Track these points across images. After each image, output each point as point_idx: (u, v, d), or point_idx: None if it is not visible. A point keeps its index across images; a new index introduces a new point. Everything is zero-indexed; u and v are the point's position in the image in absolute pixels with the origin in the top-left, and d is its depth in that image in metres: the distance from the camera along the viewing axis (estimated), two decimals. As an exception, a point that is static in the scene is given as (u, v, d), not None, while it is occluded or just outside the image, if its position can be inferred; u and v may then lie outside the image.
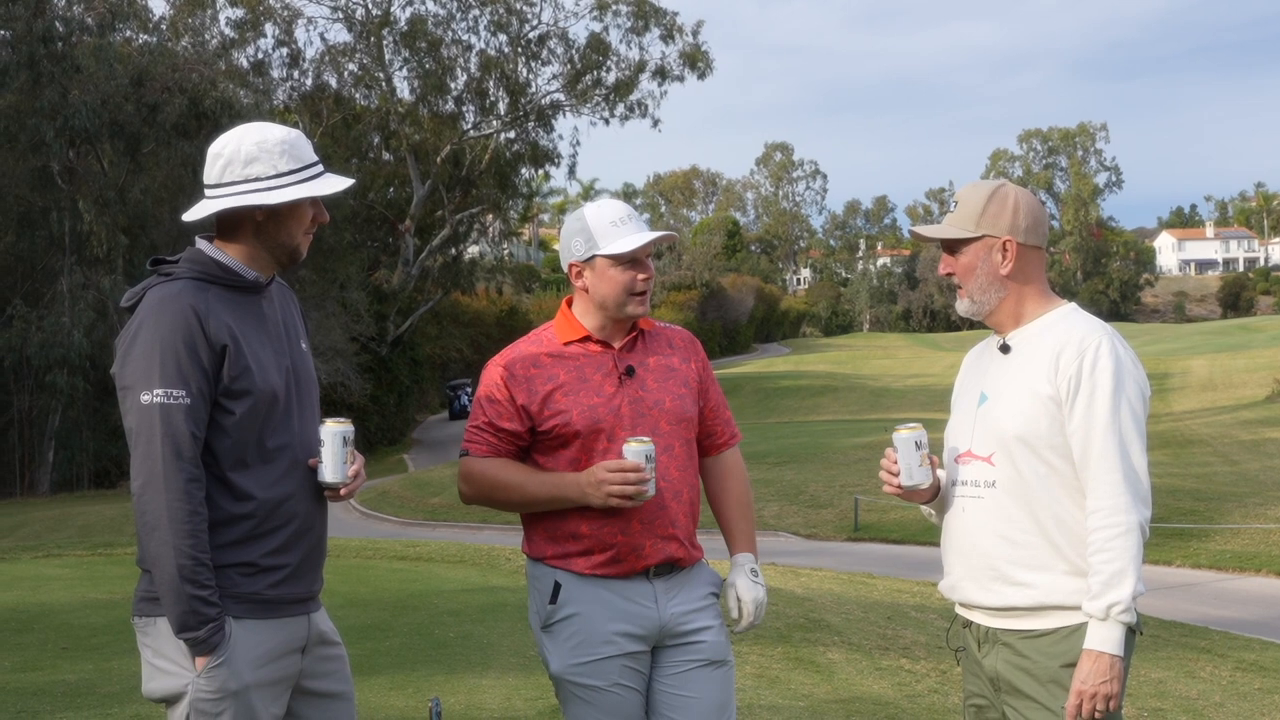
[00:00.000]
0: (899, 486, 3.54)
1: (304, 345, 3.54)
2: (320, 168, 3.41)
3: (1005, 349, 3.54)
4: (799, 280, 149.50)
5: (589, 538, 3.73)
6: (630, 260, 3.77)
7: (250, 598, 3.27)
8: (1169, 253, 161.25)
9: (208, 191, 3.36)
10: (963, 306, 3.57)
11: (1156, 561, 19.23)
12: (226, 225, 3.38)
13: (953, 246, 3.52)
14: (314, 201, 3.42)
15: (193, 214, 3.38)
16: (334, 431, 3.35)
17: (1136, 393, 3.37)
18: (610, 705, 3.71)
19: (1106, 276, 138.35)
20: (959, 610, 3.60)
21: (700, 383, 3.94)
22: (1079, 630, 3.32)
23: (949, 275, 3.56)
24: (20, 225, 38.90)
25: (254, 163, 3.31)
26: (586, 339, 3.84)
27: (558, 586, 3.75)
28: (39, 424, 39.63)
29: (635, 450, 3.62)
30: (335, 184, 3.41)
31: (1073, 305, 3.54)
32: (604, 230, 3.78)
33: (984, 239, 3.48)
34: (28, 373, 37.74)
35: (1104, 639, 3.26)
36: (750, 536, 3.98)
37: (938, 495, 3.61)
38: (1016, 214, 3.48)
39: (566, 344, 3.83)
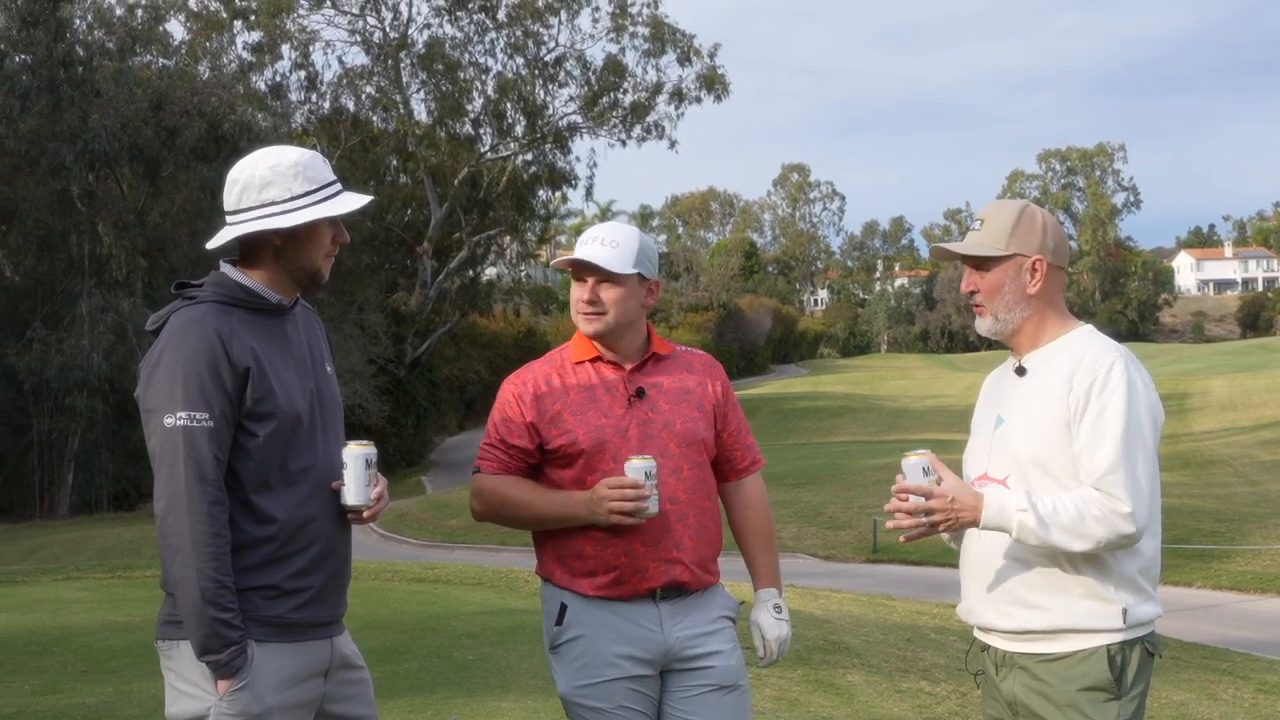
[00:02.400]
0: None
1: (328, 368, 3.55)
2: (338, 187, 3.41)
3: (1021, 371, 3.53)
4: (816, 301, 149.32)
5: (593, 558, 3.73)
6: (576, 277, 3.81)
7: (273, 621, 3.27)
8: (1187, 272, 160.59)
9: (228, 218, 3.37)
10: (984, 325, 3.53)
11: (1177, 583, 19.16)
12: (248, 250, 3.40)
13: (980, 264, 3.50)
14: (333, 223, 3.42)
15: (214, 242, 3.41)
16: (357, 454, 3.36)
17: (1148, 418, 3.34)
18: None
19: (1125, 297, 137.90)
20: (976, 634, 3.59)
21: (719, 406, 3.92)
22: (1096, 653, 3.31)
23: (972, 293, 3.52)
24: (40, 248, 39.15)
25: (269, 187, 3.32)
26: (598, 359, 3.85)
27: (564, 608, 3.76)
28: (58, 447, 39.78)
29: (635, 467, 3.63)
30: (350, 203, 3.41)
31: (1089, 327, 3.53)
32: (576, 248, 3.82)
33: (1014, 257, 3.47)
34: (47, 395, 37.91)
35: (1000, 519, 3.29)
36: (773, 571, 3.97)
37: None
38: (1045, 233, 3.48)
39: (579, 364, 3.84)
